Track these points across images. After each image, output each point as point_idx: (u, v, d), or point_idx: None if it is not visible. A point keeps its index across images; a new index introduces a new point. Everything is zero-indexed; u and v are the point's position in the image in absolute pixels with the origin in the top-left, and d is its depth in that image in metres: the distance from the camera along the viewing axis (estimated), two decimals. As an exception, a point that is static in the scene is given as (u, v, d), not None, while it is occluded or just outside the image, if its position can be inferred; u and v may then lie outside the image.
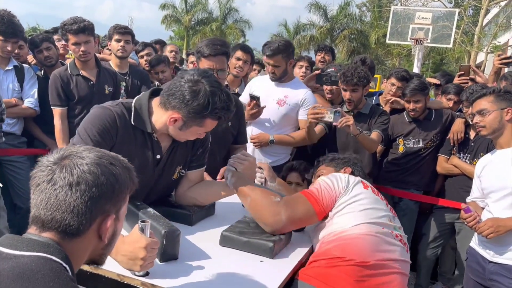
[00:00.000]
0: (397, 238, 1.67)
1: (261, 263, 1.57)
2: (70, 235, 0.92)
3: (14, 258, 0.85)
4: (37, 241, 0.90)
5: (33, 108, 3.33)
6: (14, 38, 3.19)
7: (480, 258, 2.31)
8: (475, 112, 2.33)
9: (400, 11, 15.04)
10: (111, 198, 0.95)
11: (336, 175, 1.79)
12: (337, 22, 27.84)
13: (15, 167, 3.31)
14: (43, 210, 0.92)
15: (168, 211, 1.83)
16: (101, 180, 0.92)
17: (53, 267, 0.86)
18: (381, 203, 1.75)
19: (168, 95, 1.62)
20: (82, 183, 0.90)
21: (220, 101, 1.59)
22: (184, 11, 31.61)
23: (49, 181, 0.91)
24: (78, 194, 0.90)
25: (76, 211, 0.90)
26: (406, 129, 3.37)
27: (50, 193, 0.91)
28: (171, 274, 1.41)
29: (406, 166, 3.35)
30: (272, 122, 3.14)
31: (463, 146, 3.18)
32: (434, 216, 3.40)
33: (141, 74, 3.67)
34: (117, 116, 1.66)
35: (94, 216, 0.93)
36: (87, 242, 0.96)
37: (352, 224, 1.62)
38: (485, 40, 19.21)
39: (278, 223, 1.65)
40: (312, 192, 1.73)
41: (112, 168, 0.96)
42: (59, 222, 0.91)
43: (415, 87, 3.21)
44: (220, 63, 2.35)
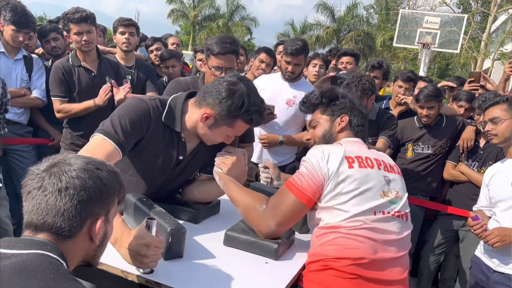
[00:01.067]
0: (393, 216, 1.56)
1: (266, 265, 1.55)
2: (62, 237, 0.96)
3: (13, 256, 0.89)
4: (34, 240, 0.94)
5: (41, 99, 3.33)
6: (26, 29, 3.20)
7: (485, 267, 2.29)
8: (488, 120, 2.31)
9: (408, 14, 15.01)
10: (100, 201, 1.00)
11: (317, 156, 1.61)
12: (344, 23, 27.77)
13: (20, 156, 3.32)
14: (35, 215, 0.96)
15: (173, 208, 1.82)
16: (88, 184, 0.97)
17: (51, 262, 0.90)
18: (372, 174, 1.60)
19: (205, 93, 1.65)
20: (70, 187, 0.95)
21: (254, 105, 1.61)
22: (192, 6, 31.58)
23: (39, 188, 0.96)
24: (67, 199, 0.95)
25: (67, 215, 0.95)
26: (416, 135, 3.33)
27: (40, 199, 0.95)
28: (175, 272, 1.40)
29: (414, 171, 3.32)
30: (280, 122, 3.12)
31: (472, 154, 3.16)
32: (439, 222, 3.38)
33: (147, 68, 3.65)
34: (152, 111, 1.67)
35: (84, 219, 0.98)
36: (79, 243, 1.00)
37: (342, 219, 1.52)
38: (492, 47, 19.15)
39: (269, 233, 1.60)
40: (295, 182, 1.61)
41: (99, 172, 1.01)
42: (51, 225, 0.95)
43: (430, 93, 3.18)
44: (229, 61, 2.33)
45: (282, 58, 3.17)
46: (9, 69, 3.21)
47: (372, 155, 1.68)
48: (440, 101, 3.27)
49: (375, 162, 1.65)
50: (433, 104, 3.19)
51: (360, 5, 27.75)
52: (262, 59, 3.62)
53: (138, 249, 1.28)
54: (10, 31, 3.13)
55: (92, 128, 3.00)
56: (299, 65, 3.09)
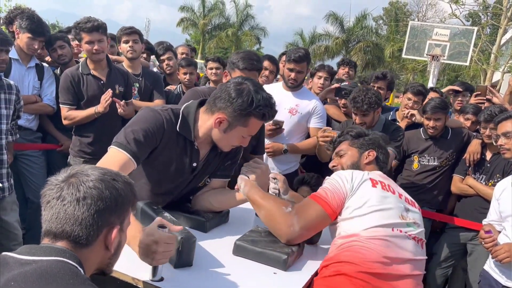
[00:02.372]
0: (410, 237, 1.63)
1: (275, 275, 1.56)
2: (80, 245, 1.00)
3: (33, 263, 0.92)
4: (53, 248, 0.98)
5: (52, 106, 3.38)
6: (42, 37, 3.26)
7: (494, 282, 2.27)
8: (501, 134, 2.30)
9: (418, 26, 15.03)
10: (115, 210, 1.04)
11: (341, 175, 1.76)
12: (353, 34, 27.83)
13: (30, 161, 3.36)
14: (53, 224, 1.00)
15: (182, 216, 1.84)
16: (105, 194, 1.01)
17: (70, 268, 0.94)
18: (392, 198, 1.70)
19: (215, 99, 1.70)
20: (88, 197, 0.99)
21: (263, 99, 1.66)
22: (202, 15, 31.86)
23: (58, 198, 1.00)
24: (85, 208, 0.99)
25: (84, 224, 0.99)
26: (421, 146, 3.34)
27: (59, 208, 0.99)
28: (185, 281, 1.41)
29: (420, 183, 3.31)
30: (284, 131, 3.14)
31: (478, 167, 3.15)
32: (446, 235, 3.36)
33: (154, 76, 3.68)
34: (165, 121, 1.71)
35: (101, 228, 1.02)
36: (96, 252, 1.04)
37: (362, 228, 1.60)
38: (502, 59, 19.06)
39: (292, 233, 1.65)
40: (320, 194, 1.72)
41: (115, 183, 1.05)
42: (69, 233, 0.99)
43: (437, 105, 3.18)
44: (252, 77, 2.39)
45: (284, 66, 3.21)
46: (22, 76, 3.26)
47: (395, 186, 1.80)
48: (446, 113, 3.28)
49: (397, 192, 1.76)
50: (439, 116, 3.20)
51: (370, 16, 27.85)
52: (265, 67, 3.64)
53: (149, 246, 1.30)
54: (26, 38, 3.19)
55: (99, 135, 3.07)
56: (301, 72, 3.12)
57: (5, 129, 2.66)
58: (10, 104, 2.69)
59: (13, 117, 2.77)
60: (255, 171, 1.87)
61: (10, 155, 2.91)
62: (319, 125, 3.18)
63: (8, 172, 2.72)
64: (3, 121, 2.64)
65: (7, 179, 2.69)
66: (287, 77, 3.15)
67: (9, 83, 2.69)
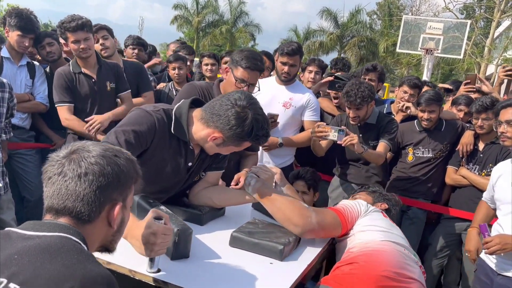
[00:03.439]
0: (417, 264, 1.75)
1: (271, 265, 1.57)
2: (82, 221, 1.00)
3: (37, 238, 0.93)
4: (57, 224, 0.97)
5: (45, 104, 3.36)
6: (31, 34, 3.23)
7: (489, 270, 2.30)
8: (504, 121, 2.31)
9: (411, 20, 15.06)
10: (117, 187, 1.03)
11: (357, 201, 1.95)
12: (347, 29, 27.84)
13: (24, 160, 3.35)
14: (55, 200, 0.99)
15: (178, 210, 1.85)
16: (107, 170, 1.00)
17: (74, 245, 0.94)
18: (399, 232, 1.86)
19: (213, 114, 1.67)
20: (89, 173, 0.98)
21: (262, 130, 1.66)
22: (195, 12, 31.75)
23: (60, 174, 0.99)
24: (86, 184, 0.98)
25: (86, 199, 0.98)
26: (416, 138, 3.35)
27: (61, 184, 0.98)
28: (182, 272, 1.42)
29: (415, 175, 3.33)
30: (279, 125, 3.15)
31: (472, 157, 3.17)
32: (441, 226, 3.38)
33: (136, 67, 3.55)
34: (157, 122, 1.70)
35: (103, 204, 1.01)
36: (98, 228, 1.04)
37: (379, 239, 1.71)
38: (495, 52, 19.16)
39: (309, 224, 1.72)
40: (338, 208, 1.87)
41: (117, 159, 1.04)
42: (71, 209, 0.99)
43: (431, 97, 3.20)
44: (254, 77, 2.42)
45: (277, 60, 3.21)
46: (14, 74, 3.24)
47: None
48: (440, 105, 3.29)
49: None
50: (434, 108, 3.21)
51: (363, 11, 27.86)
52: None
53: (147, 238, 1.31)
54: (16, 36, 3.17)
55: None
56: (294, 66, 3.13)
57: (-1, 127, 2.66)
58: (4, 102, 2.68)
59: (6, 115, 2.76)
60: (266, 173, 1.92)
61: (5, 153, 2.90)
62: (313, 118, 3.19)
63: (3, 171, 2.71)
64: (-4, 119, 2.63)
65: (2, 177, 2.69)
66: (280, 71, 3.16)
67: (2, 81, 2.68)
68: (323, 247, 1.80)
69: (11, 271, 0.86)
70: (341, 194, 3.20)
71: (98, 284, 0.88)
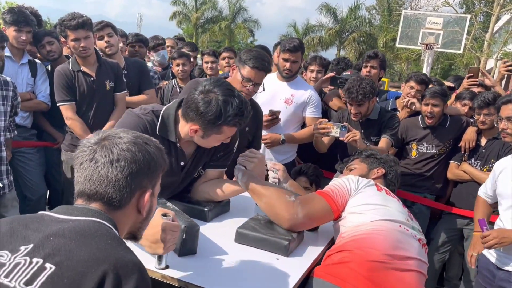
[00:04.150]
0: (415, 237, 1.68)
1: (277, 261, 1.59)
2: (113, 207, 1.01)
3: (71, 221, 0.95)
4: (89, 209, 0.99)
5: (46, 103, 3.36)
6: (27, 27, 3.21)
7: (491, 265, 2.32)
8: (504, 117, 2.31)
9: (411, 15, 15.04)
10: (148, 174, 1.04)
11: (347, 177, 1.83)
12: (346, 24, 27.78)
13: (26, 158, 3.35)
14: (87, 185, 1.00)
15: (184, 206, 1.87)
16: (138, 157, 1.01)
17: (107, 230, 0.96)
18: (396, 204, 1.77)
19: (186, 108, 1.68)
20: (121, 160, 0.99)
21: (232, 109, 1.62)
22: (194, 8, 31.65)
23: (92, 160, 1.00)
24: (118, 170, 0.99)
25: (118, 185, 0.99)
26: (420, 134, 3.33)
27: (92, 170, 0.99)
28: (190, 268, 1.44)
29: (419, 171, 3.32)
30: (280, 121, 3.17)
31: (473, 153, 3.18)
32: (443, 221, 3.40)
33: (138, 65, 3.55)
34: (148, 125, 1.73)
35: (134, 191, 1.02)
36: (128, 215, 1.05)
37: (369, 220, 1.64)
38: (495, 46, 19.12)
39: (295, 220, 1.69)
40: (326, 191, 1.78)
41: (147, 147, 1.05)
42: (103, 195, 1.00)
43: (437, 91, 3.19)
44: (260, 78, 2.44)
45: (279, 57, 3.21)
46: (16, 73, 3.24)
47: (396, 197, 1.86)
48: (445, 102, 3.26)
49: (400, 202, 1.83)
50: (438, 102, 3.18)
51: (362, 6, 27.78)
52: None
53: (155, 236, 1.33)
54: (13, 32, 3.17)
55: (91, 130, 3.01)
56: (296, 62, 3.13)
57: (3, 126, 2.66)
58: (8, 100, 2.68)
59: (10, 114, 2.77)
60: (252, 160, 1.90)
61: (9, 152, 2.91)
62: (314, 115, 3.20)
63: (8, 169, 2.72)
64: (1, 118, 2.63)
65: (6, 176, 2.70)
66: (282, 67, 3.16)
67: (6, 80, 2.68)
68: (328, 242, 1.82)
69: (46, 251, 0.88)
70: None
71: (130, 269, 0.89)
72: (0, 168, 2.65)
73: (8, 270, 0.87)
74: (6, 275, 0.87)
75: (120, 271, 0.87)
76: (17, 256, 0.89)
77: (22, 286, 0.85)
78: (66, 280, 0.84)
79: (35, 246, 0.90)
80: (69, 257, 0.87)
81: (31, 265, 0.87)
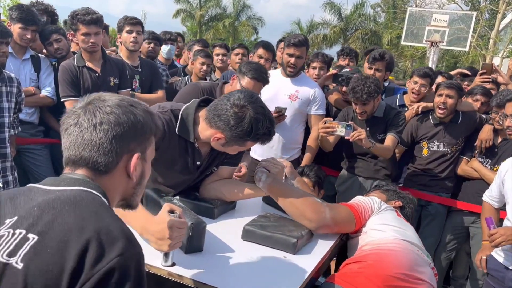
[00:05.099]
0: (429, 265, 1.73)
1: (284, 259, 1.57)
2: (99, 172, 0.99)
3: (57, 191, 0.94)
4: (76, 178, 0.98)
5: (51, 97, 3.34)
6: (33, 26, 3.21)
7: (499, 266, 2.29)
8: (509, 115, 2.28)
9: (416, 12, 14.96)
10: (134, 137, 1.01)
11: (371, 197, 1.94)
12: (351, 22, 27.64)
13: (35, 155, 3.35)
14: (72, 151, 0.99)
15: (191, 204, 1.85)
16: (122, 119, 0.99)
17: (94, 198, 0.95)
18: (413, 231, 1.85)
19: (214, 115, 1.67)
20: (105, 123, 0.97)
21: (262, 128, 1.64)
22: (198, 6, 31.63)
23: (75, 124, 0.98)
24: (102, 134, 0.97)
25: (102, 149, 0.97)
26: (430, 132, 3.25)
27: (77, 134, 0.98)
28: (196, 266, 1.42)
29: (432, 170, 3.26)
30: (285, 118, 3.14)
31: (486, 150, 3.11)
32: (449, 219, 3.35)
33: (151, 66, 3.63)
34: (165, 124, 1.74)
35: (120, 154, 0.99)
36: (117, 180, 1.02)
37: (391, 237, 1.69)
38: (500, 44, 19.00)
39: (323, 220, 1.73)
40: (352, 204, 1.86)
41: (133, 109, 1.02)
42: (87, 159, 0.98)
43: (453, 82, 3.11)
44: (258, 88, 2.61)
45: (282, 53, 3.20)
46: (18, 69, 3.22)
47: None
48: (461, 96, 3.15)
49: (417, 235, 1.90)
50: (453, 93, 3.08)
51: (367, 3, 27.62)
52: (260, 55, 3.61)
53: (163, 233, 1.32)
54: (18, 29, 3.16)
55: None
56: (301, 57, 3.11)
57: (8, 122, 2.65)
58: (12, 97, 2.68)
59: (14, 110, 2.76)
60: (276, 167, 1.91)
61: (13, 148, 2.90)
62: (319, 112, 3.18)
63: (12, 166, 2.72)
64: (5, 114, 2.63)
65: (11, 172, 2.69)
66: (286, 62, 3.13)
67: (10, 76, 2.67)
68: (335, 240, 1.80)
69: (29, 222, 0.88)
70: (349, 188, 3.18)
71: (114, 236, 0.87)
72: (5, 164, 2.65)
73: None
74: None
75: (103, 238, 0.85)
76: (1, 229, 0.89)
77: (5, 258, 0.85)
78: (49, 249, 0.84)
79: (19, 217, 0.89)
80: (52, 227, 0.86)
81: (13, 236, 0.87)
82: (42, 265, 0.83)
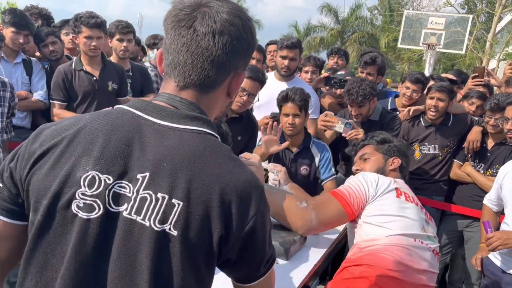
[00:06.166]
0: (429, 249, 1.69)
1: (277, 265, 1.55)
2: (206, 88, 0.89)
3: (173, 137, 0.84)
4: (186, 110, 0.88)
5: (43, 101, 3.32)
6: (26, 30, 3.21)
7: (496, 269, 2.28)
8: (510, 118, 2.27)
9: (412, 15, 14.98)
10: (245, 55, 0.92)
11: (366, 177, 1.79)
12: (348, 25, 27.72)
13: None
14: (183, 56, 0.86)
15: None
16: (241, 33, 0.88)
17: (214, 143, 0.87)
18: (414, 210, 1.76)
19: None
20: (225, 33, 0.86)
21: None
22: (195, 9, 31.69)
23: (190, 27, 0.85)
24: (220, 44, 0.85)
25: (216, 62, 0.87)
26: (422, 134, 3.26)
27: (191, 38, 0.85)
28: (187, 273, 1.40)
29: (425, 172, 3.26)
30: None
31: (479, 155, 3.09)
32: (443, 223, 3.34)
33: (142, 70, 3.63)
34: None
35: (229, 70, 0.90)
36: (216, 99, 0.93)
37: (385, 235, 1.65)
38: (497, 47, 19.07)
39: (309, 226, 1.71)
40: (343, 193, 1.76)
41: (250, 24, 0.91)
42: (199, 73, 0.87)
43: (444, 85, 3.10)
44: (255, 88, 2.59)
45: (275, 56, 3.20)
46: (9, 73, 3.20)
47: (415, 198, 1.86)
48: (451, 98, 3.16)
49: (419, 204, 1.82)
50: (444, 96, 3.08)
51: (364, 6, 27.75)
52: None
53: None
54: (10, 33, 3.15)
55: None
56: (294, 59, 3.12)
57: (1, 127, 2.63)
58: (5, 101, 2.66)
59: (7, 115, 2.74)
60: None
61: (6, 153, 2.88)
62: (312, 116, 3.16)
63: (5, 171, 2.69)
64: (-2, 118, 2.61)
65: (3, 177, 2.67)
66: (280, 65, 3.14)
67: (3, 80, 2.65)
68: (329, 246, 1.79)
69: (167, 185, 0.81)
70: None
71: (252, 187, 0.85)
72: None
73: (136, 206, 0.81)
74: (136, 211, 0.81)
75: (242, 194, 0.83)
76: (139, 190, 0.81)
77: (157, 225, 0.79)
78: (197, 215, 0.80)
79: (152, 175, 0.81)
80: (191, 190, 0.80)
81: (158, 201, 0.80)
82: (193, 232, 0.80)
